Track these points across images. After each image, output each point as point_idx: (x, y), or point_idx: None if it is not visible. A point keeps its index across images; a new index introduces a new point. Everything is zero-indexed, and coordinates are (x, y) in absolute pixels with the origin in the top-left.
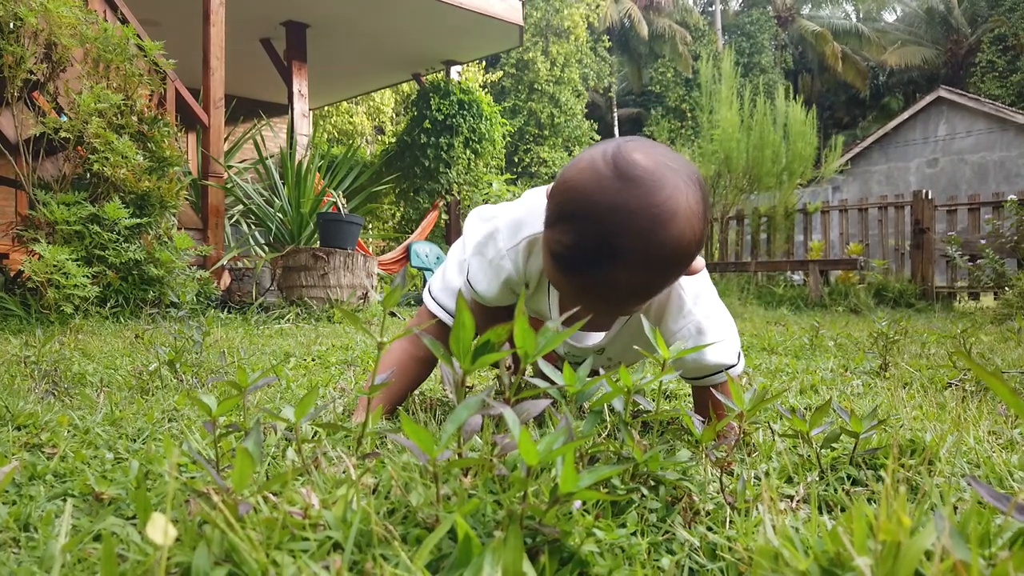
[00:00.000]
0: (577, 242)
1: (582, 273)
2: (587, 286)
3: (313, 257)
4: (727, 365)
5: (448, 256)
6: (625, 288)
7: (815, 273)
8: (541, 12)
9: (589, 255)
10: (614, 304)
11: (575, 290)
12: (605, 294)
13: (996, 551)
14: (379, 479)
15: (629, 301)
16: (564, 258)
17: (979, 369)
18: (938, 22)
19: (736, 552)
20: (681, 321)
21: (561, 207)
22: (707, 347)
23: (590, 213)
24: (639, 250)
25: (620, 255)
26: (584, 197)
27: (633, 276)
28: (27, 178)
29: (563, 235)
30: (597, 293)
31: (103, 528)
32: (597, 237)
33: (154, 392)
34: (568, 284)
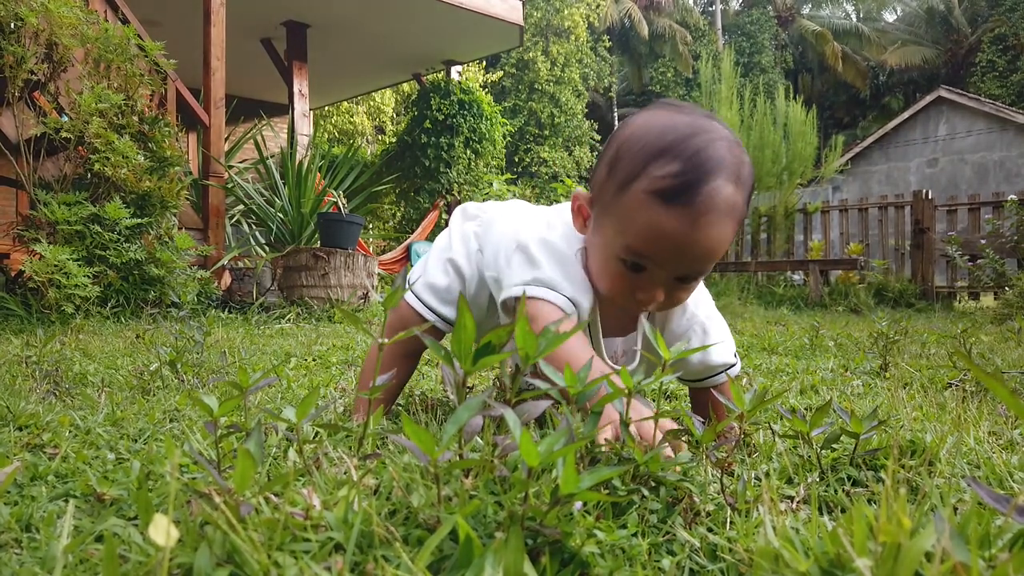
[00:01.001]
0: (683, 166)
1: (698, 194)
2: (701, 211)
3: (314, 257)
4: (730, 364)
5: (431, 251)
6: (730, 205)
7: (815, 273)
8: (541, 12)
9: (699, 172)
10: (716, 238)
11: (689, 220)
12: (715, 218)
13: (996, 552)
14: (380, 480)
15: (728, 228)
16: (676, 187)
17: (978, 370)
18: (938, 22)
19: (736, 553)
20: (685, 322)
21: (644, 150)
22: (713, 347)
23: (678, 138)
24: (731, 160)
25: (721, 166)
26: (663, 130)
27: (735, 191)
28: (28, 178)
29: (665, 167)
30: (708, 218)
31: (105, 529)
32: (697, 153)
33: (155, 392)
34: (681, 218)
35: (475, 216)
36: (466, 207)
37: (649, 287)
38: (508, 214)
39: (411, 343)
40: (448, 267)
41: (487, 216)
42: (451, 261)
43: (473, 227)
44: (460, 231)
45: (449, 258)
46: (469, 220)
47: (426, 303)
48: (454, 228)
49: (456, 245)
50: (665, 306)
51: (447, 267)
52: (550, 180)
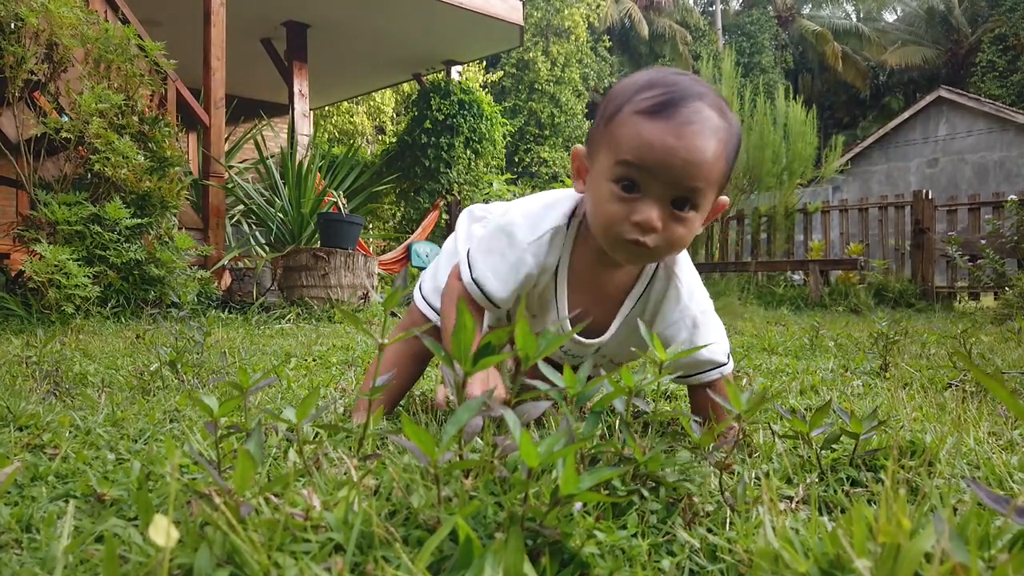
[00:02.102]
0: (665, 90)
1: (681, 108)
2: (683, 121)
3: (314, 257)
4: (719, 363)
5: (439, 256)
6: (713, 125)
7: (815, 273)
8: (542, 12)
9: (682, 95)
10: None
11: (672, 130)
12: (697, 130)
13: (996, 553)
14: (380, 481)
15: (712, 144)
16: (659, 104)
17: (978, 371)
18: (938, 22)
19: (736, 554)
20: (677, 313)
21: (629, 88)
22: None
23: (663, 76)
24: (714, 99)
25: (704, 97)
26: (649, 76)
27: (717, 118)
28: (28, 178)
29: (649, 92)
30: (691, 128)
31: (105, 529)
32: (679, 83)
33: (155, 393)
34: (664, 127)
35: (481, 217)
36: (473, 209)
37: (644, 208)
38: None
39: (419, 345)
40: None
41: (493, 216)
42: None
43: (479, 228)
44: (467, 232)
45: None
46: (476, 222)
47: (433, 306)
48: (461, 231)
49: (462, 246)
50: (664, 247)
51: None
52: (550, 180)
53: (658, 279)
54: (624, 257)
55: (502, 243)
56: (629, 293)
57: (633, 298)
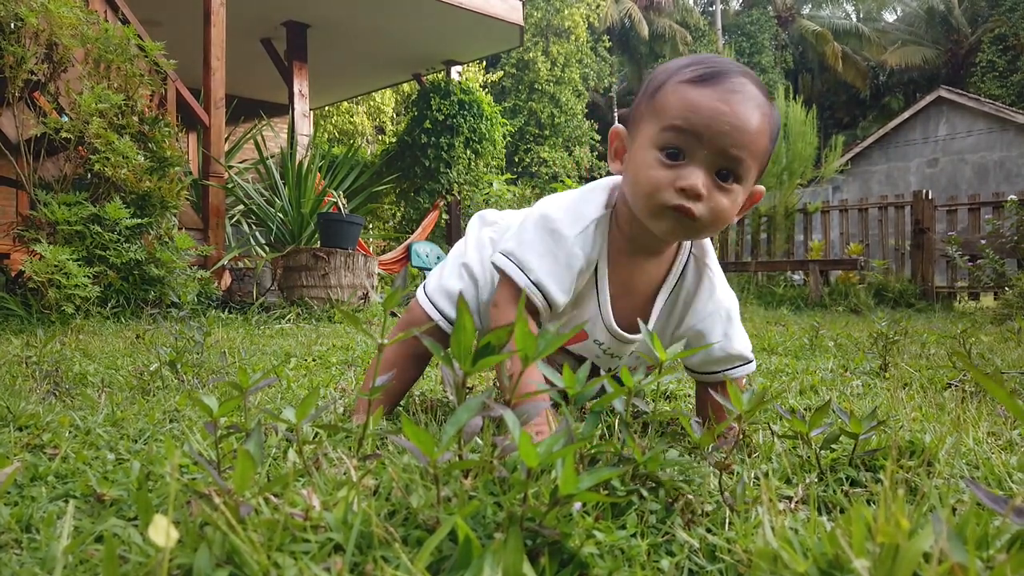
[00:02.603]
0: (712, 65)
1: (726, 79)
2: (729, 89)
3: (314, 257)
4: (748, 359)
5: (448, 258)
6: (759, 100)
7: (815, 273)
8: (541, 12)
9: (725, 69)
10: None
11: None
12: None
13: (994, 553)
14: (380, 481)
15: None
16: (705, 74)
17: (977, 372)
18: (938, 22)
19: (735, 554)
20: (712, 305)
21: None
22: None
23: (707, 57)
24: (756, 78)
25: (743, 72)
26: (692, 56)
27: (761, 94)
28: (28, 178)
29: (696, 66)
30: (737, 96)
31: (105, 529)
32: (723, 63)
33: (155, 393)
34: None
35: (493, 222)
36: (484, 214)
37: (690, 174)
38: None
39: (420, 345)
40: (463, 272)
41: (505, 222)
42: (465, 266)
43: (489, 232)
44: (476, 237)
45: (464, 263)
46: (487, 226)
47: (439, 307)
48: (471, 234)
49: (471, 251)
50: (708, 218)
51: (461, 272)
52: (550, 180)
53: (689, 270)
54: (667, 228)
55: (548, 242)
56: (662, 286)
57: (666, 291)
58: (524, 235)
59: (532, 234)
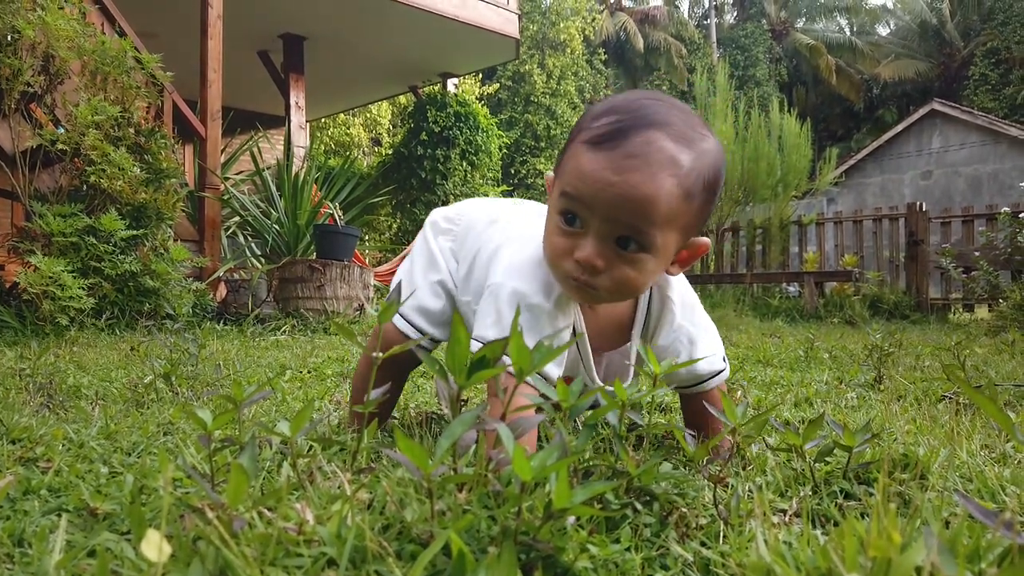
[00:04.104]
0: (620, 117)
1: (626, 140)
2: (625, 155)
3: (309, 269)
4: (718, 371)
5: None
6: (665, 158)
7: (810, 285)
8: (537, 25)
9: (634, 123)
10: (640, 186)
11: (613, 163)
12: (640, 164)
13: (986, 567)
14: (374, 494)
15: (660, 181)
16: (607, 134)
17: (967, 387)
18: (931, 35)
19: (729, 568)
20: (672, 335)
21: (592, 113)
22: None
23: (629, 102)
24: (682, 125)
25: (665, 124)
26: (620, 97)
27: (674, 150)
28: (24, 190)
29: (604, 120)
30: (632, 162)
31: (97, 544)
32: (641, 110)
33: (149, 405)
34: (604, 161)
35: (447, 230)
36: (437, 220)
37: (585, 245)
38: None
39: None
40: (439, 289)
41: (459, 228)
42: (441, 284)
43: (447, 243)
44: (438, 247)
45: (439, 280)
46: (441, 235)
47: (416, 325)
48: (432, 244)
49: (440, 264)
50: (612, 288)
51: (438, 290)
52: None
53: (654, 305)
54: (575, 296)
55: (531, 321)
56: (633, 329)
57: (638, 331)
58: (503, 320)
59: (511, 316)
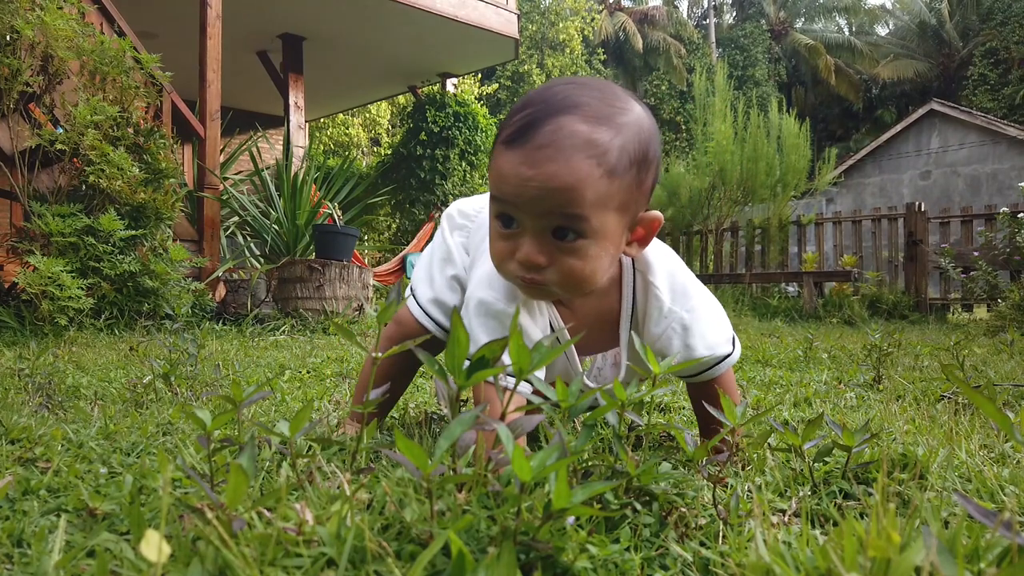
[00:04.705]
0: (529, 112)
1: (536, 132)
2: (535, 146)
3: (308, 269)
4: (721, 356)
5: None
6: (578, 142)
7: (809, 285)
8: (537, 25)
9: (543, 113)
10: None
11: (525, 157)
12: (552, 153)
13: (985, 567)
14: (373, 495)
15: (575, 163)
16: (517, 130)
17: (966, 387)
18: (930, 36)
19: (729, 568)
20: (663, 323)
21: (511, 112)
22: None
23: (537, 95)
24: (598, 101)
25: (576, 106)
26: (533, 92)
27: (588, 131)
28: (23, 190)
29: (515, 117)
30: (544, 152)
31: (97, 544)
32: (546, 103)
33: (148, 405)
34: (517, 156)
35: (462, 226)
36: (453, 215)
37: (524, 244)
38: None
39: (410, 356)
40: (455, 284)
41: (474, 225)
42: (457, 279)
43: (460, 238)
44: (454, 243)
45: (454, 275)
46: (456, 230)
47: (435, 319)
48: (448, 239)
49: (456, 259)
50: (563, 281)
51: (454, 284)
52: None
53: (639, 295)
54: (532, 296)
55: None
56: (620, 319)
57: (626, 322)
58: (473, 332)
59: (479, 328)
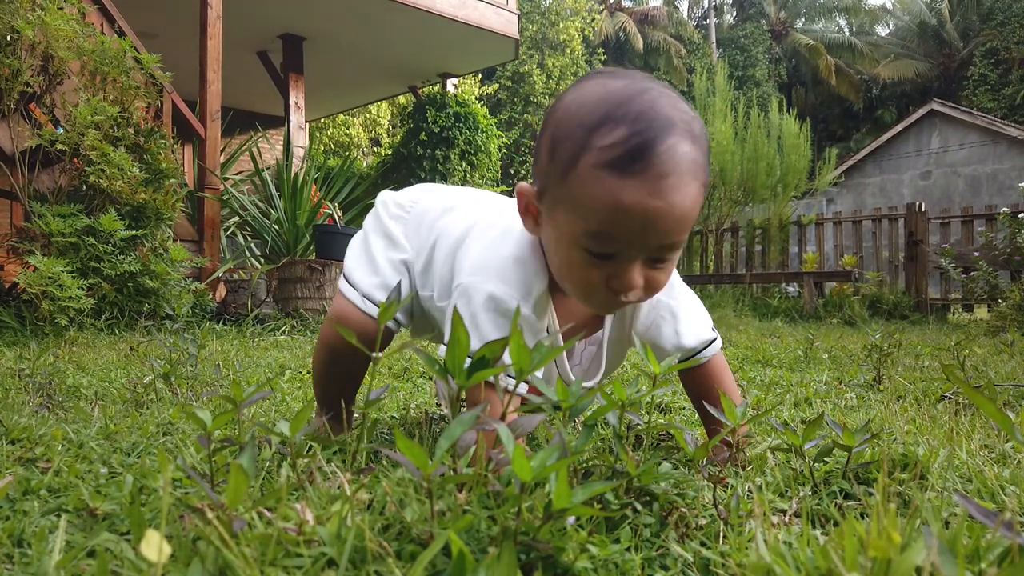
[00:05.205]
0: (629, 129)
1: (654, 155)
2: (661, 174)
3: (309, 269)
4: (708, 341)
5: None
6: (692, 163)
7: (810, 285)
8: (537, 25)
9: (650, 132)
10: (682, 203)
11: (650, 187)
12: (677, 180)
13: (985, 567)
14: (374, 495)
15: (694, 189)
16: (628, 153)
17: (967, 387)
18: (930, 36)
19: (729, 568)
20: (653, 312)
21: (583, 123)
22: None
23: (617, 103)
24: (680, 116)
25: (671, 123)
26: (599, 99)
27: (693, 149)
28: (23, 190)
29: (610, 134)
30: (670, 181)
31: (97, 544)
32: (642, 113)
33: (149, 405)
34: (640, 187)
35: (399, 216)
36: (387, 203)
37: (623, 273)
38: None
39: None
40: (403, 268)
41: (411, 216)
42: (405, 263)
43: (399, 228)
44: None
45: (402, 259)
46: (393, 219)
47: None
48: (389, 224)
49: (403, 243)
50: (646, 294)
51: (401, 268)
52: None
53: None
54: (602, 311)
55: (507, 329)
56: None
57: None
58: (480, 328)
59: (488, 324)
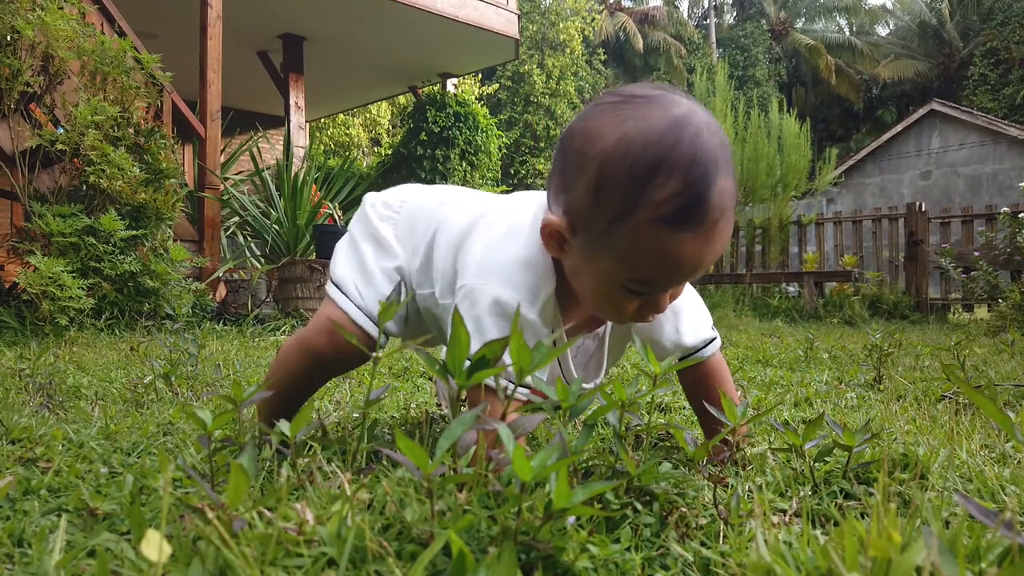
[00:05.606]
0: (684, 180)
1: (708, 207)
2: (714, 221)
3: (309, 269)
4: (709, 338)
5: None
6: (731, 200)
7: (810, 285)
8: (537, 25)
9: (703, 183)
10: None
11: (704, 236)
12: (726, 222)
13: (986, 567)
14: (374, 495)
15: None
16: (685, 207)
17: (967, 387)
18: (931, 36)
19: (729, 568)
20: None
21: (633, 172)
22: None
23: (666, 146)
24: (721, 149)
25: (719, 164)
26: (645, 141)
27: (731, 182)
28: (23, 190)
29: (666, 187)
30: (721, 224)
31: (97, 544)
32: (694, 160)
33: (149, 405)
34: (697, 237)
35: (388, 217)
36: (376, 204)
37: (659, 303)
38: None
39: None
40: (396, 276)
41: (401, 216)
42: (398, 271)
43: (390, 230)
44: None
45: (396, 267)
46: (383, 221)
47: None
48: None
49: (395, 249)
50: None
51: (394, 277)
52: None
53: None
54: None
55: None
56: None
57: None
58: (485, 334)
59: (494, 330)
